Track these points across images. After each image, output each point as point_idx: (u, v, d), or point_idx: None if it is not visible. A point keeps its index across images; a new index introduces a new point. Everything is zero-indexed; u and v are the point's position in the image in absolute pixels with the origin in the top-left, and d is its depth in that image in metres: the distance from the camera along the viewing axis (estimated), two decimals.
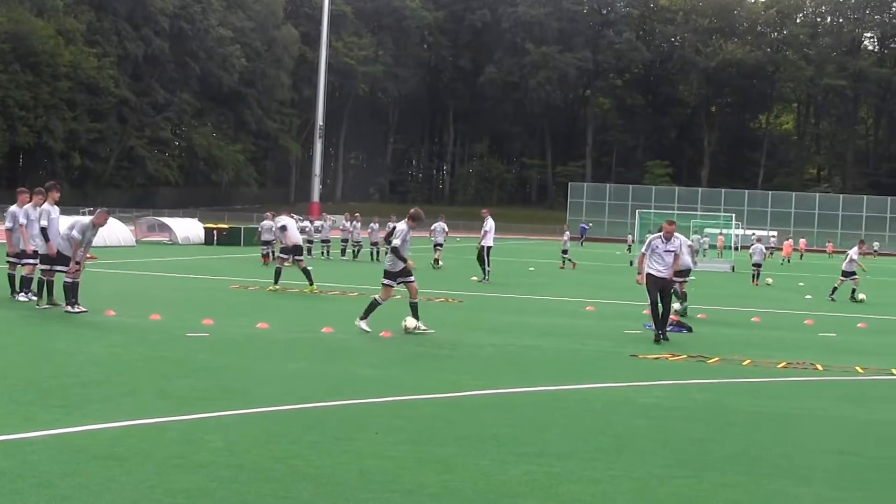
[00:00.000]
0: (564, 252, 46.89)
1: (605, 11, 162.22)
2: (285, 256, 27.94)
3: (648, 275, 18.77)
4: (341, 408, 10.96)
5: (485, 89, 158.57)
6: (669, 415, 11.28)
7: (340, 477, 7.98)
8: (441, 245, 42.84)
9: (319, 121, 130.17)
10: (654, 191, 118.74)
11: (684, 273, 25.27)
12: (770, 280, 40.89)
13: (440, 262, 40.73)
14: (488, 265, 33.94)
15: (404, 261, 17.97)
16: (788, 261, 67.72)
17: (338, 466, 8.32)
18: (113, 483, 7.47)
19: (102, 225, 19.67)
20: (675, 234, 19.33)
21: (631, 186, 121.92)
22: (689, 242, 28.16)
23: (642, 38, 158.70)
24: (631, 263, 50.44)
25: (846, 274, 32.09)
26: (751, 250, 42.58)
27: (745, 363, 15.72)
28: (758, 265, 40.85)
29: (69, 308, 18.65)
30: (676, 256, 19.04)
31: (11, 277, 21.14)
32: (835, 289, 31.92)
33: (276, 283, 26.80)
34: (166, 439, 9.10)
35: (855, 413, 11.98)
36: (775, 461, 9.25)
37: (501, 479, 8.12)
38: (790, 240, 77.21)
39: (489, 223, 34.72)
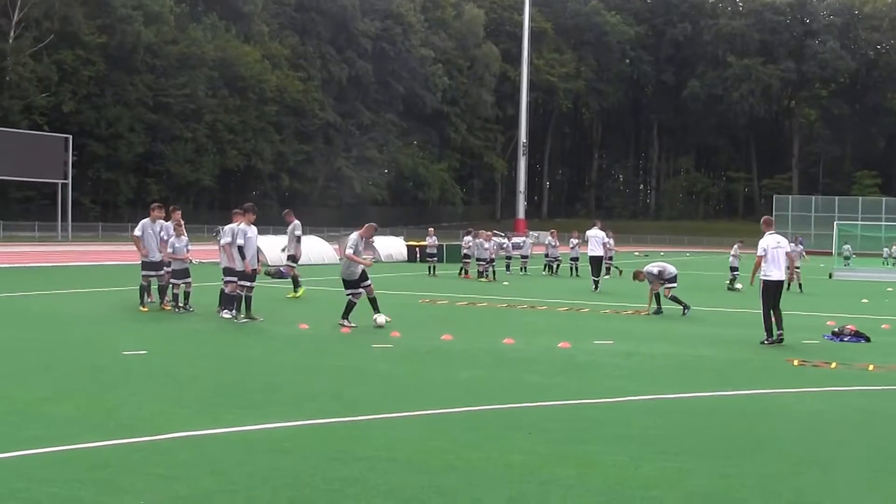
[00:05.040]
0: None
1: (807, 21, 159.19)
2: (293, 265, 28.91)
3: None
4: (502, 411, 11.67)
5: (688, 103, 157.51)
6: (816, 419, 11.62)
7: (486, 469, 8.73)
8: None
9: (523, 137, 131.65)
10: (861, 202, 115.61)
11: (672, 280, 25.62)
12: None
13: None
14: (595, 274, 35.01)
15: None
16: None
17: (485, 461, 9.05)
18: (277, 472, 8.41)
19: (370, 237, 21.16)
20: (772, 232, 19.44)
21: (837, 198, 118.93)
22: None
23: (847, 47, 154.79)
24: (830, 276, 49.80)
25: None
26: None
27: None
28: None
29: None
30: (788, 255, 19.47)
31: (222, 292, 22.40)
32: None
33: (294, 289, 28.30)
34: (333, 436, 10.03)
35: None
36: None
37: (633, 474, 8.75)
38: None
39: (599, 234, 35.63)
